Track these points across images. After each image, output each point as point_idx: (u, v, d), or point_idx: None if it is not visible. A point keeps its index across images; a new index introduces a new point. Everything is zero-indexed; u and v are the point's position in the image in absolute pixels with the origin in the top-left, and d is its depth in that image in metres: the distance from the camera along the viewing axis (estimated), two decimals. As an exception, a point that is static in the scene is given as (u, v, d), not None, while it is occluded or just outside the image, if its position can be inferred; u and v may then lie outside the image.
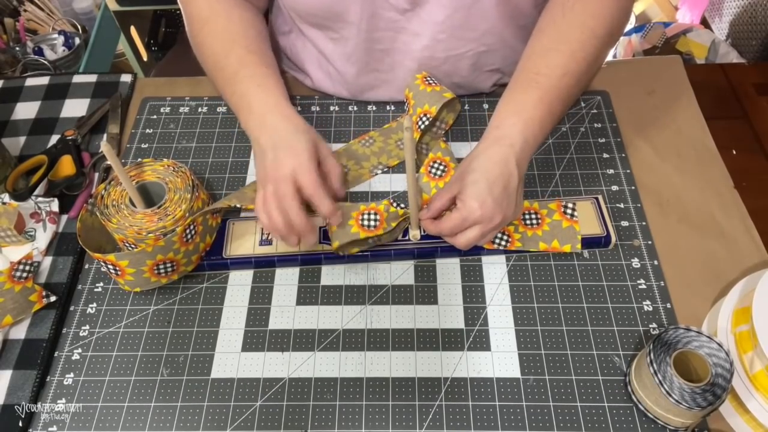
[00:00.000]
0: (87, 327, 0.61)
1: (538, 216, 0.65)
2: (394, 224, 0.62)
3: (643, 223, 0.66)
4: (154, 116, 0.79)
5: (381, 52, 0.72)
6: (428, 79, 0.71)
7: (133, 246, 0.59)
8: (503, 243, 0.63)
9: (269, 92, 0.65)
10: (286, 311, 0.62)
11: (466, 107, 0.78)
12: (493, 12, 0.66)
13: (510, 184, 0.58)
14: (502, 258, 0.64)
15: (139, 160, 0.64)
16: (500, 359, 0.58)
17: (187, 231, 0.59)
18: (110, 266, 0.58)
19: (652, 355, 0.50)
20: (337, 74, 0.76)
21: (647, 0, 1.80)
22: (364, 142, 0.74)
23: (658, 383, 0.49)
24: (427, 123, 0.68)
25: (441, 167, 0.68)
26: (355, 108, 0.79)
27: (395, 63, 0.73)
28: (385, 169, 0.72)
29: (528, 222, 0.64)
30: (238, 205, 0.65)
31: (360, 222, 0.62)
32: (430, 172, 0.69)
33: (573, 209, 0.64)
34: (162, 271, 0.60)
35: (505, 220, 0.59)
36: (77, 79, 0.84)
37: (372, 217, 0.62)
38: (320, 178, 0.59)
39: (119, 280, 0.60)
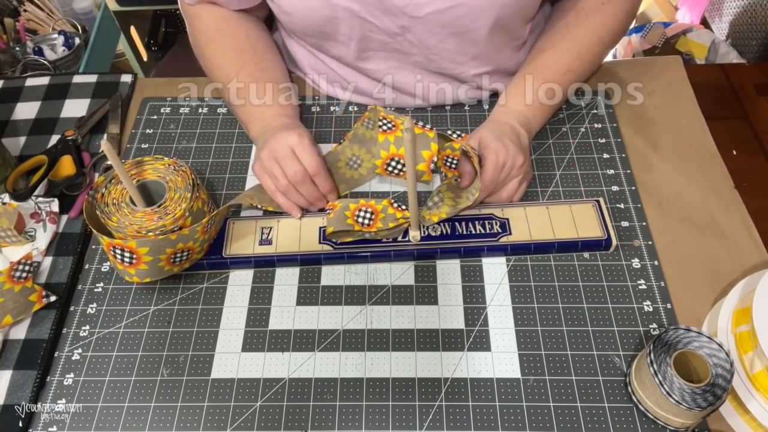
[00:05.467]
0: (87, 327, 0.61)
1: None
2: (391, 225, 0.62)
3: (644, 224, 0.66)
4: (154, 116, 0.79)
5: (375, 71, 0.73)
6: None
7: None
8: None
9: (277, 105, 0.70)
10: (286, 311, 0.62)
11: (466, 108, 0.78)
12: (485, 39, 0.67)
13: (521, 139, 0.65)
14: (502, 258, 0.64)
15: (140, 158, 0.64)
16: (500, 359, 0.58)
17: (210, 222, 0.61)
18: (126, 254, 0.58)
19: (652, 355, 0.50)
20: (336, 75, 0.76)
21: (647, 0, 1.80)
22: (366, 124, 0.70)
23: (659, 384, 0.49)
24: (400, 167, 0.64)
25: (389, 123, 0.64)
26: (356, 108, 0.79)
27: (390, 78, 0.73)
28: (399, 167, 0.64)
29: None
30: (258, 206, 0.65)
31: (355, 217, 0.62)
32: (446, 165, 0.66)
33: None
34: (177, 259, 0.60)
35: (526, 163, 0.64)
36: (77, 79, 0.84)
37: (367, 215, 0.62)
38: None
39: (130, 270, 0.59)
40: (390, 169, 0.64)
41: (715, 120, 0.75)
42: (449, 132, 0.66)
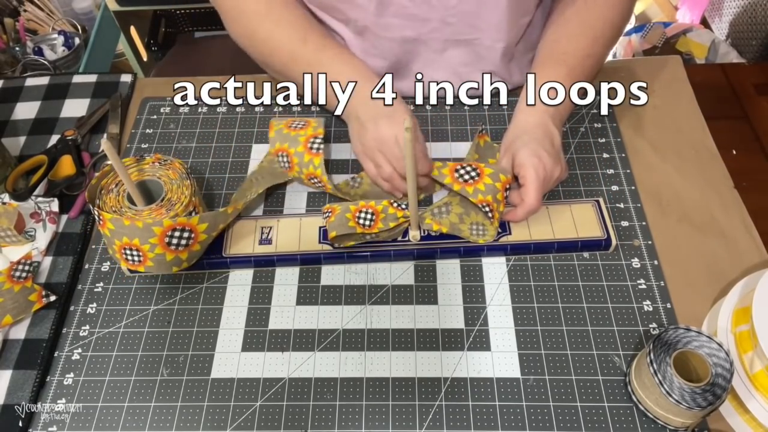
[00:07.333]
0: (87, 327, 0.61)
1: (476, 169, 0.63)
2: (392, 224, 0.62)
3: (643, 223, 0.66)
4: (154, 116, 0.79)
5: (389, 40, 0.72)
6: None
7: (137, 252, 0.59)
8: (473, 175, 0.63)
9: (358, 68, 0.69)
10: (286, 311, 0.62)
11: (466, 108, 0.78)
12: (504, 5, 0.68)
13: (555, 142, 0.64)
14: (502, 258, 0.64)
15: (122, 159, 0.64)
16: (500, 359, 0.58)
17: (172, 235, 0.58)
18: (186, 233, 0.59)
19: (652, 355, 0.50)
20: None
21: (647, 0, 1.80)
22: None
23: (658, 383, 0.49)
24: None
25: (472, 171, 0.63)
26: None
27: (405, 50, 0.73)
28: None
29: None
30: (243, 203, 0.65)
31: (356, 218, 0.62)
32: (458, 178, 0.63)
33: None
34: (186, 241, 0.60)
35: (561, 173, 0.63)
36: (77, 79, 0.84)
37: (368, 216, 0.62)
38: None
39: (182, 254, 0.61)
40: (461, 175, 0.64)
41: (715, 120, 0.75)
42: (480, 124, 0.69)
